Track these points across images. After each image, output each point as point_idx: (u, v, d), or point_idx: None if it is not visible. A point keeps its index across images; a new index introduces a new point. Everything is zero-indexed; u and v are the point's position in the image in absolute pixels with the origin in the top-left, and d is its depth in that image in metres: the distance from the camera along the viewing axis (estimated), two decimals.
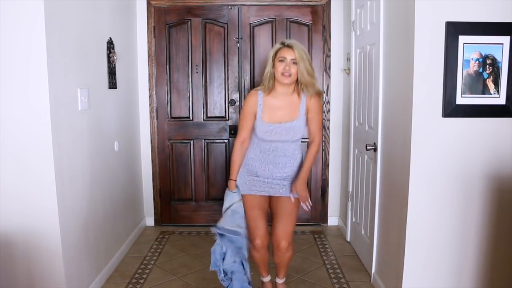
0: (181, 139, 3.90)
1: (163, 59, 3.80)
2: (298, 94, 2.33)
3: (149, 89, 3.81)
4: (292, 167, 2.41)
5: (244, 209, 2.41)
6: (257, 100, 2.34)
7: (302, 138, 2.43)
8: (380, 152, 2.66)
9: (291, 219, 2.41)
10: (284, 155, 2.38)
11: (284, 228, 2.38)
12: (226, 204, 2.42)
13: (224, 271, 2.41)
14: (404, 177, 2.23)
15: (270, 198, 2.46)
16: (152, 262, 3.19)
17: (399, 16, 2.32)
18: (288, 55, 2.23)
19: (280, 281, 2.63)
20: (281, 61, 2.23)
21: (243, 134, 2.39)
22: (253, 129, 2.39)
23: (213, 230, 2.38)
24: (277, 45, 2.30)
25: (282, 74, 2.23)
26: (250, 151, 2.42)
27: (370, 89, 2.86)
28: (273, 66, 2.27)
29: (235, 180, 2.43)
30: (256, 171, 2.40)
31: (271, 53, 2.30)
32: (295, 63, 2.22)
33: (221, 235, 2.36)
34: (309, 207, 2.40)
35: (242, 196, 2.42)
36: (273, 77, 2.29)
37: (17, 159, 2.18)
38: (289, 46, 2.24)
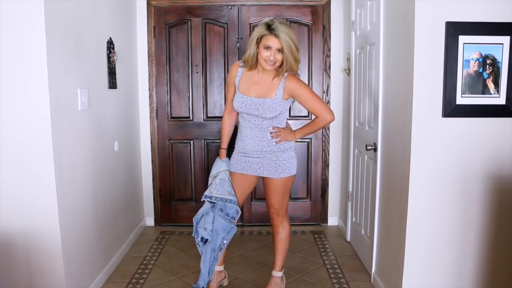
0: (181, 139, 3.90)
1: (163, 59, 3.80)
2: (278, 76, 2.31)
3: (149, 89, 3.82)
4: (269, 142, 2.39)
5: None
6: (237, 71, 2.40)
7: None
8: (380, 152, 2.66)
9: (277, 197, 2.48)
10: (260, 129, 2.38)
11: (270, 202, 2.52)
12: (213, 171, 2.53)
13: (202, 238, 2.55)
14: (404, 177, 2.23)
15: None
16: (152, 262, 3.19)
17: (399, 16, 2.32)
18: (274, 44, 2.19)
19: (276, 274, 2.61)
20: (266, 49, 2.21)
21: (228, 105, 2.51)
22: None
23: (204, 198, 2.47)
24: (263, 29, 2.21)
25: (266, 61, 2.23)
26: (238, 124, 2.51)
27: (370, 89, 2.86)
28: (257, 48, 2.25)
29: (225, 149, 2.56)
30: (242, 146, 2.44)
31: (255, 35, 2.24)
32: (280, 51, 2.21)
33: (211, 202, 2.47)
34: (273, 136, 2.38)
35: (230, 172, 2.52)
36: (256, 58, 2.29)
37: (17, 159, 2.18)
38: (275, 35, 2.18)
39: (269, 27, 2.19)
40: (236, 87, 2.40)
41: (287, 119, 2.46)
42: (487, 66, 2.09)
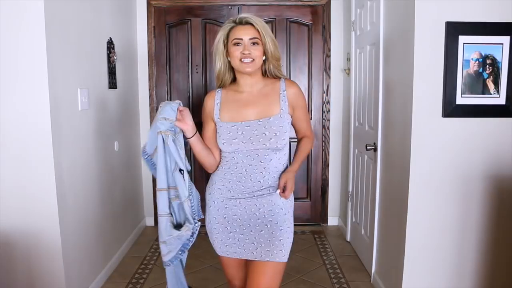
0: None
1: (163, 59, 3.80)
2: (273, 82, 1.72)
3: (149, 89, 3.82)
4: (277, 196, 1.69)
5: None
6: (214, 100, 1.73)
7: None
8: (380, 152, 2.66)
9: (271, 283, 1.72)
10: (262, 176, 1.68)
11: None
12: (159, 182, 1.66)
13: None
14: (404, 177, 2.23)
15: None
16: (152, 262, 3.19)
17: (399, 16, 2.32)
18: (245, 34, 1.62)
19: None
20: (237, 44, 1.63)
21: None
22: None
23: (166, 262, 1.79)
24: (227, 24, 1.67)
25: (241, 60, 1.62)
26: (218, 181, 1.75)
27: (370, 89, 2.86)
28: (227, 53, 1.67)
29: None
30: (226, 211, 1.73)
31: (220, 37, 1.66)
32: (256, 43, 1.63)
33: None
34: (285, 197, 1.67)
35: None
36: (231, 69, 1.71)
37: (17, 159, 2.18)
38: (244, 23, 1.64)
39: (235, 20, 1.67)
40: (217, 119, 1.70)
41: None
42: (487, 66, 2.09)
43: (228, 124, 1.67)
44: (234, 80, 1.75)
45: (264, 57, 1.67)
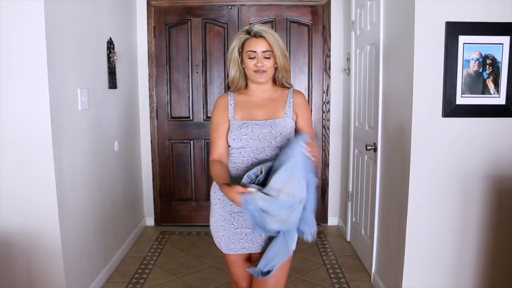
0: (181, 139, 3.90)
1: (163, 59, 3.80)
2: (282, 90, 1.86)
3: (149, 89, 3.82)
4: None
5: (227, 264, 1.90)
6: (227, 101, 1.84)
7: None
8: (380, 152, 2.66)
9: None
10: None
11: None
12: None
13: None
14: (404, 177, 2.23)
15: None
16: (152, 262, 3.19)
17: (399, 16, 2.32)
18: (259, 47, 1.74)
19: None
20: (251, 57, 1.76)
21: (216, 150, 1.80)
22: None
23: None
24: (241, 35, 1.78)
25: (256, 72, 1.76)
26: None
27: (370, 89, 2.86)
28: (241, 61, 1.80)
29: (228, 184, 1.61)
30: (232, 208, 1.76)
31: (235, 45, 1.79)
32: (268, 57, 1.76)
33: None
34: (314, 160, 1.56)
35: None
36: (244, 75, 1.84)
37: (17, 159, 2.18)
38: (257, 36, 1.75)
39: (249, 31, 1.78)
40: (231, 117, 1.81)
41: None
42: (487, 66, 2.09)
43: (240, 122, 1.78)
44: (246, 85, 1.88)
45: (275, 65, 1.81)
